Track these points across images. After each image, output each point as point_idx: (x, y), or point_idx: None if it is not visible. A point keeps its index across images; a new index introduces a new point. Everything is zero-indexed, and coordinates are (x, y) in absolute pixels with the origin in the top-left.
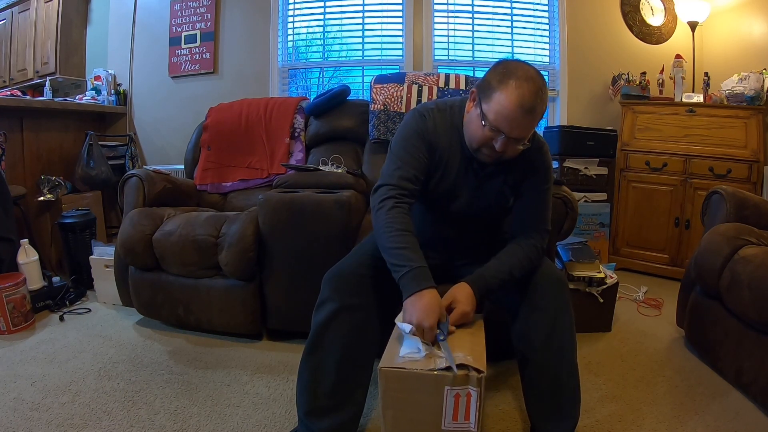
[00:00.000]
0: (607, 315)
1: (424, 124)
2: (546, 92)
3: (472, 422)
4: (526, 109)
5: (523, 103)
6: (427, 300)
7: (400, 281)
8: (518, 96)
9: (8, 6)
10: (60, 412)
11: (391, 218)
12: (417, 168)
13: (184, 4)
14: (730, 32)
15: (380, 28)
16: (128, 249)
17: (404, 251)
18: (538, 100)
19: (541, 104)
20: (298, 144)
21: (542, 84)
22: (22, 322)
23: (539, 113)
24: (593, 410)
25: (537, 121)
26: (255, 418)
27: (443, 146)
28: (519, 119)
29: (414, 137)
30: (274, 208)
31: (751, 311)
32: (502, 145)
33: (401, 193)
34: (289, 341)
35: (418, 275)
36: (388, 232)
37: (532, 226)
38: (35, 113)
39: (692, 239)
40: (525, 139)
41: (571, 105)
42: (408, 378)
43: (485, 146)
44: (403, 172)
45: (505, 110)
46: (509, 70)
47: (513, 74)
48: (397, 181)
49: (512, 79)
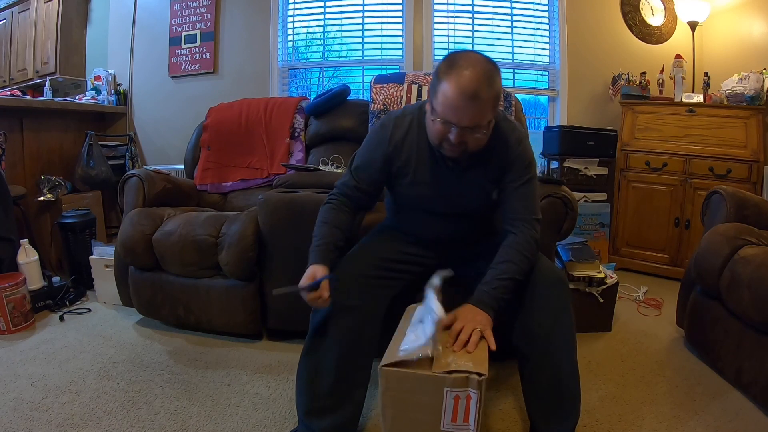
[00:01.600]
0: (607, 315)
1: (383, 134)
2: (495, 77)
3: (471, 424)
4: (469, 96)
5: (465, 90)
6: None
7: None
8: (459, 84)
9: (8, 6)
10: (60, 412)
11: (320, 214)
12: (362, 179)
13: (184, 4)
14: (730, 32)
15: (380, 28)
16: (128, 249)
17: (314, 239)
18: (483, 86)
19: (487, 89)
20: (298, 144)
21: (488, 69)
22: (22, 322)
23: (487, 99)
24: (593, 410)
25: (488, 107)
26: (255, 418)
27: (409, 149)
28: (464, 107)
29: (372, 148)
30: (274, 208)
31: (751, 311)
32: (457, 136)
33: (339, 195)
34: (289, 341)
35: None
36: (316, 226)
37: (519, 218)
38: (35, 113)
39: (692, 239)
40: (479, 126)
41: (571, 105)
42: (408, 378)
43: (444, 141)
44: (348, 179)
45: (448, 100)
46: (452, 61)
47: (455, 64)
48: (341, 186)
49: (454, 69)
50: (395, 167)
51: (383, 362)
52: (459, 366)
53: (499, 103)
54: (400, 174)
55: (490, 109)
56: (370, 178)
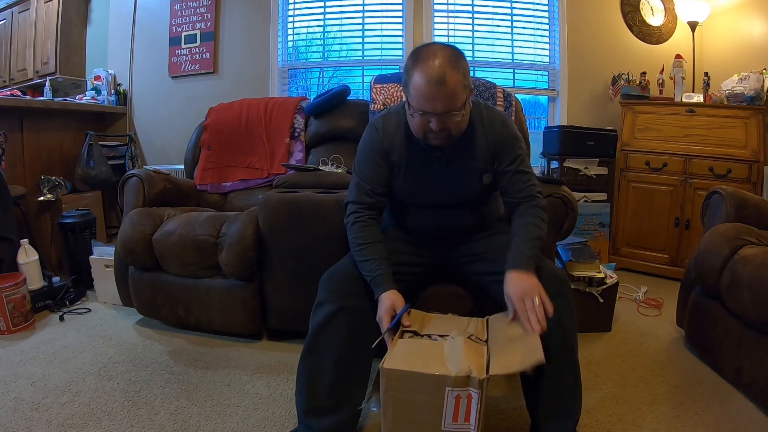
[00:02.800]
0: (607, 315)
1: (374, 136)
2: (459, 60)
3: (472, 424)
4: (435, 81)
5: (432, 77)
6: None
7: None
8: (426, 73)
9: (8, 6)
10: (60, 412)
11: (353, 234)
12: (373, 181)
13: (184, 4)
14: (730, 32)
15: (380, 28)
16: (128, 249)
17: (367, 263)
18: (448, 70)
19: (452, 72)
20: (298, 144)
21: (450, 53)
22: (22, 322)
23: (455, 81)
24: (593, 410)
25: (458, 89)
26: (255, 418)
27: (398, 147)
28: (435, 93)
29: (367, 152)
30: (274, 208)
31: (751, 311)
32: (438, 123)
33: (361, 207)
34: (289, 341)
35: (377, 283)
36: (354, 247)
37: (523, 195)
38: (35, 113)
39: (692, 239)
40: (455, 109)
41: (571, 105)
42: (409, 378)
43: (427, 131)
44: (360, 187)
45: (419, 91)
46: (416, 55)
47: (419, 57)
48: (356, 197)
49: (418, 62)
50: (391, 162)
51: (383, 363)
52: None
53: (471, 85)
54: (394, 169)
55: (461, 90)
56: (379, 178)
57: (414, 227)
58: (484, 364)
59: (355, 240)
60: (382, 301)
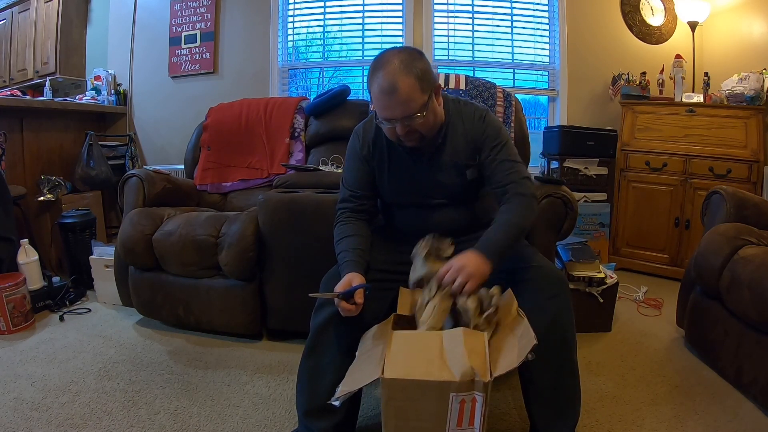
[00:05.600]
0: (607, 315)
1: (354, 142)
2: (411, 62)
3: (476, 427)
4: (387, 92)
5: (383, 88)
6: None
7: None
8: (378, 85)
9: (8, 6)
10: (60, 412)
11: (335, 234)
12: (353, 185)
13: (184, 4)
14: (730, 32)
15: (380, 28)
16: (128, 249)
17: (340, 255)
18: (398, 77)
19: (403, 77)
20: (298, 144)
21: (402, 58)
22: (22, 322)
23: (406, 86)
24: (593, 410)
25: (412, 93)
26: (255, 418)
27: (380, 149)
28: (388, 102)
29: (350, 158)
30: (274, 208)
31: (751, 311)
32: (402, 128)
33: (344, 210)
34: (289, 341)
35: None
36: (335, 245)
37: (508, 182)
38: (35, 113)
39: (692, 239)
40: (414, 112)
41: (571, 105)
42: (412, 386)
43: (398, 136)
44: (343, 192)
45: (377, 102)
46: (372, 66)
47: (373, 69)
48: (340, 202)
49: (373, 73)
50: (373, 166)
51: (385, 374)
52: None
53: (434, 82)
54: (377, 172)
55: (416, 93)
56: (358, 182)
57: (405, 228)
58: (486, 359)
59: (335, 239)
60: (342, 279)
